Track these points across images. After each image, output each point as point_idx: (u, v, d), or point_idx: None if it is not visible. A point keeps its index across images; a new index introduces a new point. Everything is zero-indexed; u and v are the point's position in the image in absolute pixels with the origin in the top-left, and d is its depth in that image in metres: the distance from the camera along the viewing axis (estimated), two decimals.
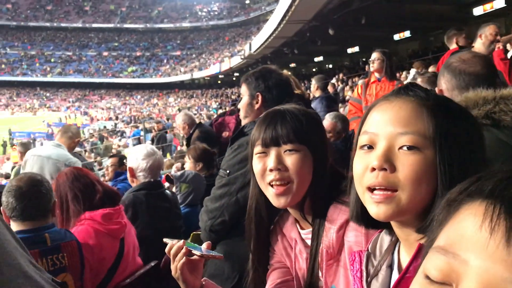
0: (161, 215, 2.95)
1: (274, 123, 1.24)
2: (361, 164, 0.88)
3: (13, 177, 5.34)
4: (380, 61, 4.59)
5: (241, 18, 79.37)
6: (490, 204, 0.43)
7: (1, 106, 70.22)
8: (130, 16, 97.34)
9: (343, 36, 21.76)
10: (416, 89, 0.90)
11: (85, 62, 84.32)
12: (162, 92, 72.36)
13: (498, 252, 0.41)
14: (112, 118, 47.30)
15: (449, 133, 0.83)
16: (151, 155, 3.03)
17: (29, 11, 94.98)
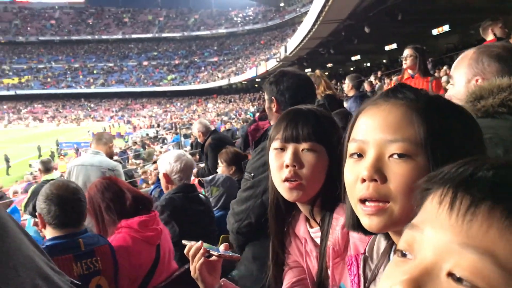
0: (196, 218, 2.99)
1: (296, 121, 1.26)
2: (351, 174, 0.85)
3: (30, 195, 5.55)
4: (413, 58, 4.49)
5: (276, 21, 79.53)
6: (441, 184, 0.49)
7: (48, 118, 73.15)
8: (167, 25, 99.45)
9: (380, 34, 21.40)
10: (406, 91, 0.85)
11: (126, 72, 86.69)
12: (201, 98, 73.40)
13: (447, 220, 0.46)
14: (154, 126, 48.34)
15: (442, 137, 0.78)
16: (182, 157, 3.11)
17: (72, 25, 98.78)
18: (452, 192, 0.47)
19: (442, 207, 0.47)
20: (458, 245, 0.44)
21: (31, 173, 23.13)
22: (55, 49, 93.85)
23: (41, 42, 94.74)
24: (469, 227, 0.44)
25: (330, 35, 22.59)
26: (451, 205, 0.46)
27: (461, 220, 0.45)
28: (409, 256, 0.49)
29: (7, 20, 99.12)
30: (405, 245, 0.50)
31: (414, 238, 0.49)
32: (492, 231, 0.42)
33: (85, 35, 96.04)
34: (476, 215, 0.44)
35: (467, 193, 0.46)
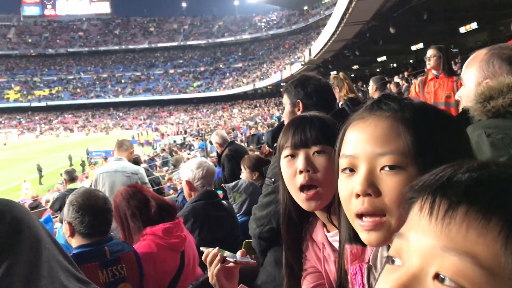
0: (219, 224, 3.00)
1: (303, 126, 1.26)
2: (345, 190, 0.85)
3: (51, 204, 5.76)
4: (436, 58, 4.41)
5: (300, 25, 79.42)
6: (422, 191, 0.51)
7: (78, 127, 74.82)
8: (192, 33, 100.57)
9: (406, 34, 21.12)
10: (390, 102, 0.85)
11: (153, 80, 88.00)
12: (227, 104, 73.81)
13: (428, 225, 0.47)
14: (181, 132, 48.86)
15: (430, 145, 0.78)
16: (203, 164, 3.14)
17: (99, 36, 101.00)
18: (431, 198, 0.48)
19: (422, 213, 0.49)
20: (440, 248, 0.45)
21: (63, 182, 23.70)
22: (83, 60, 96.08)
23: (70, 53, 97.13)
24: (448, 230, 0.45)
25: (354, 36, 22.40)
26: (430, 211, 0.48)
27: (440, 224, 0.46)
28: (398, 263, 0.51)
29: (37, 34, 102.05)
30: (394, 253, 0.51)
31: (401, 246, 0.51)
32: (470, 232, 0.44)
33: (112, 46, 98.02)
34: (453, 218, 0.45)
35: (444, 198, 0.47)
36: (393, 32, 17.87)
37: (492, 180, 0.47)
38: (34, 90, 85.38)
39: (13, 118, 79.90)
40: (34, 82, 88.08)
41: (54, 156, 39.43)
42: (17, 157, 42.08)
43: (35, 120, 79.52)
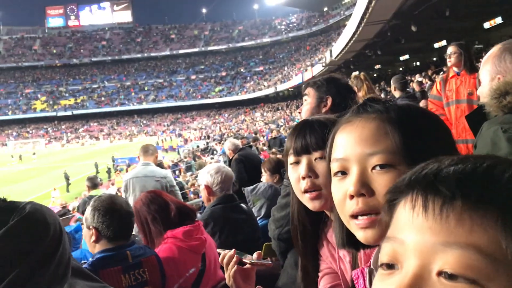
0: (238, 227, 3.03)
1: (304, 132, 1.28)
2: (339, 193, 0.87)
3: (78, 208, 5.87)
4: (457, 55, 4.34)
5: (321, 26, 79.17)
6: (409, 190, 0.51)
7: (104, 135, 76.12)
8: (213, 38, 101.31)
9: (428, 31, 20.83)
10: (374, 104, 0.87)
11: (175, 87, 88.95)
12: (249, 108, 74.03)
13: (425, 223, 0.47)
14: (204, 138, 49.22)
15: (417, 142, 0.80)
16: (222, 169, 3.18)
17: (122, 45, 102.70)
18: (422, 195, 0.49)
19: (416, 211, 0.49)
20: (440, 244, 0.45)
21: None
22: (107, 68, 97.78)
23: (94, 63, 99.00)
24: (447, 226, 0.45)
25: (375, 36, 22.22)
26: (424, 208, 0.48)
27: (438, 220, 0.46)
28: (396, 267, 0.50)
29: (62, 44, 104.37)
30: (388, 257, 0.51)
31: (395, 249, 0.50)
32: (467, 223, 0.44)
33: (135, 54, 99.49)
34: (451, 212, 0.46)
35: (437, 194, 0.47)
36: (414, 30, 17.65)
37: (478, 171, 0.48)
38: (60, 99, 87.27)
39: (40, 128, 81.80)
40: (60, 92, 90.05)
41: (81, 164, 40.20)
42: (45, 166, 43.04)
43: (61, 129, 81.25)
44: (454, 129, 4.35)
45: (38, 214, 0.96)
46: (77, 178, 30.82)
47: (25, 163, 47.12)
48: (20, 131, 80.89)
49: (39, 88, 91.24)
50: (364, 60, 29.09)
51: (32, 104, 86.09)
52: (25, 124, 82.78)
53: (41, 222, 0.95)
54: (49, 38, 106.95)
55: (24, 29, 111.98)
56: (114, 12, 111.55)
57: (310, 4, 79.55)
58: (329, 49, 36.31)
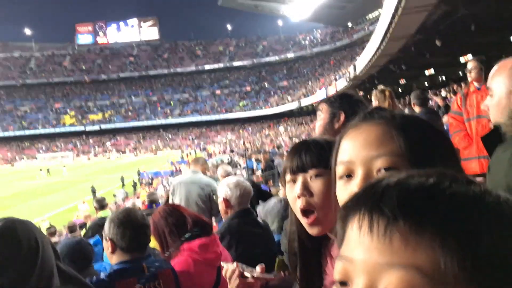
0: (255, 241, 3.05)
1: (300, 151, 1.30)
2: (344, 195, 0.89)
3: (85, 234, 6.21)
4: (477, 70, 4.31)
5: (345, 41, 79.06)
6: (357, 209, 0.52)
7: (130, 149, 77.30)
8: (237, 54, 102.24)
9: (453, 46, 20.63)
10: (381, 112, 0.91)
11: (200, 102, 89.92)
12: (273, 122, 74.12)
13: (370, 243, 0.48)
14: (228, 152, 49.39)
15: (421, 147, 0.83)
16: (241, 183, 3.21)
17: (149, 61, 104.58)
18: (368, 215, 0.50)
19: (362, 231, 0.50)
20: (385, 264, 0.47)
21: (115, 202, 24.51)
22: (134, 84, 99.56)
23: (122, 78, 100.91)
24: (390, 246, 0.47)
25: (400, 51, 22.09)
26: (370, 228, 0.49)
27: (381, 241, 0.47)
28: (348, 284, 0.51)
29: (91, 61, 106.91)
30: (341, 276, 0.52)
31: (345, 267, 0.51)
32: (410, 244, 0.46)
33: (161, 69, 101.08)
34: (393, 233, 0.47)
35: (381, 215, 0.49)
36: (439, 45, 17.52)
37: (420, 191, 0.49)
38: (89, 114, 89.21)
39: (69, 142, 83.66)
40: (89, 107, 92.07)
41: (107, 178, 40.86)
42: (72, 179, 43.91)
43: (89, 143, 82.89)
44: (475, 144, 4.29)
45: (7, 232, 0.99)
46: (104, 191, 31.33)
47: (53, 177, 48.17)
48: (49, 145, 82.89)
49: (69, 103, 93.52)
50: (388, 75, 28.92)
51: (62, 118, 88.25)
52: (54, 138, 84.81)
53: (10, 239, 0.99)
54: (79, 55, 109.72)
55: (55, 46, 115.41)
56: (142, 29, 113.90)
57: (334, 19, 79.65)
58: (353, 64, 36.21)
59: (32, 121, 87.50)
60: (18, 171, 60.73)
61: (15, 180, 46.44)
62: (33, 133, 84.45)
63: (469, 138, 4.38)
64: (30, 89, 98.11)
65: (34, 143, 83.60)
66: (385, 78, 29.20)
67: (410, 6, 14.09)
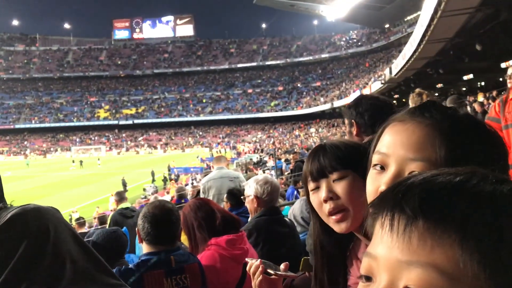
0: (281, 240, 3.03)
1: (317, 156, 1.29)
2: (372, 185, 0.89)
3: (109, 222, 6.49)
4: None
5: (381, 43, 78.00)
6: (382, 207, 0.53)
7: (161, 145, 78.48)
8: (271, 53, 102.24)
9: (494, 50, 20.01)
10: (433, 110, 0.87)
11: (232, 100, 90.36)
12: (304, 123, 73.85)
13: (391, 241, 0.49)
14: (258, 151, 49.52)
15: (462, 160, 0.76)
16: (269, 180, 3.21)
17: (183, 58, 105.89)
18: (390, 214, 0.51)
19: (384, 229, 0.51)
20: (405, 262, 0.47)
21: (145, 196, 24.91)
22: (168, 80, 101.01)
23: (156, 74, 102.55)
24: (409, 245, 0.48)
25: (437, 54, 21.64)
26: (391, 227, 0.50)
27: (401, 239, 0.48)
28: (372, 280, 0.53)
29: (126, 56, 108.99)
30: (366, 271, 0.53)
31: (371, 264, 0.53)
32: (429, 244, 0.46)
33: (195, 67, 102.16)
34: (413, 232, 0.48)
35: (402, 213, 0.49)
36: (479, 49, 17.04)
37: (442, 189, 0.49)
38: (122, 109, 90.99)
39: (103, 136, 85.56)
40: (123, 101, 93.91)
41: (138, 172, 41.58)
42: (104, 172, 44.90)
43: (122, 137, 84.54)
44: None
45: (17, 219, 0.98)
46: (134, 185, 31.90)
47: (85, 169, 49.35)
48: (83, 137, 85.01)
49: (103, 97, 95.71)
50: (425, 78, 28.34)
51: (96, 112, 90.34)
52: (88, 131, 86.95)
53: (19, 225, 0.97)
54: (115, 50, 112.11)
55: (92, 40, 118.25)
56: (177, 26, 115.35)
57: (371, 20, 78.59)
58: (389, 66, 35.65)
59: (68, 113, 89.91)
60: (52, 162, 62.55)
61: (48, 171, 47.83)
62: (68, 125, 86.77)
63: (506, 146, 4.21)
64: (67, 82, 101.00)
65: (69, 135, 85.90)
66: (422, 82, 28.60)
67: (450, 9, 13.75)
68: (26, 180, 38.70)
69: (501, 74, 28.51)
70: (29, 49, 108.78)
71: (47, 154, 76.72)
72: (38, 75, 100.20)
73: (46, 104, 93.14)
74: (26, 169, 51.51)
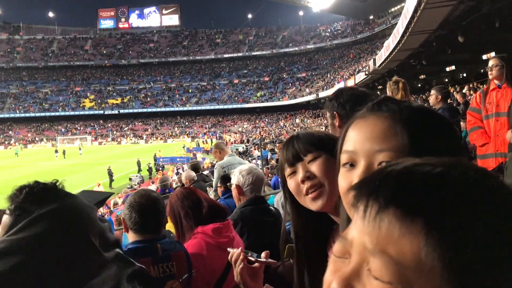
0: (266, 229, 3.07)
1: (291, 143, 1.34)
2: (345, 183, 0.91)
3: None
4: (499, 68, 4.25)
5: (366, 34, 78.23)
6: (361, 193, 0.54)
7: (148, 135, 77.95)
8: (257, 44, 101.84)
9: (476, 42, 20.26)
10: (389, 103, 0.91)
11: (218, 90, 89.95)
12: (289, 114, 73.95)
13: (363, 227, 0.51)
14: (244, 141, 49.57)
15: (425, 145, 0.83)
16: (253, 170, 3.26)
17: (168, 48, 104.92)
18: (365, 200, 0.52)
19: (359, 214, 0.52)
20: (372, 248, 0.49)
21: (131, 186, 24.83)
22: (153, 70, 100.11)
23: (141, 64, 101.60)
24: (378, 232, 0.48)
25: (421, 46, 21.80)
26: (364, 213, 0.51)
27: (371, 225, 0.49)
28: (343, 259, 0.54)
29: (112, 45, 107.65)
30: (338, 253, 0.55)
31: (344, 246, 0.54)
32: (396, 231, 0.47)
33: (181, 57, 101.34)
34: (382, 220, 0.48)
35: (375, 201, 0.50)
36: (462, 41, 17.22)
37: (418, 181, 0.50)
38: (108, 99, 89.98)
39: (88, 125, 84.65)
40: (108, 91, 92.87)
41: (124, 162, 41.32)
42: (90, 161, 44.51)
43: (108, 127, 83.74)
44: (492, 142, 4.27)
45: (69, 206, 1.10)
46: (120, 175, 31.73)
47: (68, 159, 48.78)
48: (69, 127, 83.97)
49: (88, 87, 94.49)
50: (408, 69, 28.57)
51: (81, 102, 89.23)
52: (73, 121, 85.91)
53: (69, 214, 1.10)
54: (100, 39, 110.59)
55: (77, 29, 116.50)
56: (163, 16, 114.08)
57: (356, 11, 78.71)
58: (373, 58, 35.84)
59: (53, 103, 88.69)
60: (37, 152, 61.74)
61: (33, 161, 47.24)
62: (54, 115, 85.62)
63: (486, 135, 4.37)
64: (52, 71, 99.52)
65: (53, 125, 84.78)
66: (405, 73, 28.82)
67: (434, 1, 13.87)
68: (12, 170, 38.17)
69: (482, 66, 28.98)
70: (13, 38, 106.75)
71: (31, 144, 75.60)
72: (22, 64, 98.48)
73: (30, 94, 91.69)
74: (14, 159, 50.98)
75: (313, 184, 1.26)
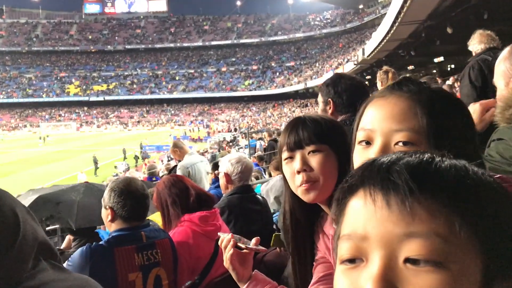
0: (253, 217, 3.08)
1: (296, 128, 1.31)
2: (360, 160, 0.91)
3: None
4: None
5: (355, 24, 78.22)
6: (364, 187, 0.54)
7: (134, 122, 77.38)
8: (245, 31, 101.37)
9: (464, 34, 20.17)
10: (410, 84, 0.93)
11: (206, 78, 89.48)
12: (277, 103, 73.94)
13: (387, 216, 0.50)
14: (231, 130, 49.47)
15: (442, 127, 0.86)
16: (242, 159, 3.25)
17: (155, 34, 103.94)
18: (381, 190, 0.52)
19: (377, 206, 0.51)
20: (404, 235, 0.49)
21: (116, 174, 24.64)
22: (140, 57, 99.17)
23: (127, 50, 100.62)
24: (408, 217, 0.49)
25: (410, 36, 21.87)
26: (387, 202, 0.51)
27: (400, 213, 0.50)
28: (358, 261, 0.53)
29: (97, 31, 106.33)
30: (350, 254, 0.53)
31: (357, 244, 0.52)
32: (425, 213, 0.49)
33: (168, 43, 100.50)
34: (412, 204, 0.49)
35: (395, 189, 0.51)
36: (450, 32, 17.28)
37: (423, 164, 0.53)
38: (93, 85, 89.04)
39: (73, 112, 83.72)
40: (93, 77, 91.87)
41: (110, 150, 41.00)
42: (75, 149, 44.09)
43: (93, 114, 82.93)
44: None
45: None
46: (105, 162, 31.48)
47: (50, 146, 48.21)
48: (53, 113, 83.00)
49: (73, 73, 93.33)
50: (397, 60, 28.66)
51: (66, 88, 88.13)
52: (58, 107, 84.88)
53: None
54: (85, 24, 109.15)
55: (62, 14, 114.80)
56: (150, 1, 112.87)
57: (345, 1, 78.66)
58: (362, 47, 35.87)
59: (37, 89, 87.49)
60: (20, 139, 60.97)
61: (17, 148, 46.67)
62: (38, 101, 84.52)
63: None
64: (36, 56, 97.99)
65: (38, 111, 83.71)
66: (394, 63, 28.86)
67: None
68: None
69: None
70: None
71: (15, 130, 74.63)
72: (5, 49, 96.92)
73: (14, 79, 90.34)
74: None
75: (308, 177, 1.25)
